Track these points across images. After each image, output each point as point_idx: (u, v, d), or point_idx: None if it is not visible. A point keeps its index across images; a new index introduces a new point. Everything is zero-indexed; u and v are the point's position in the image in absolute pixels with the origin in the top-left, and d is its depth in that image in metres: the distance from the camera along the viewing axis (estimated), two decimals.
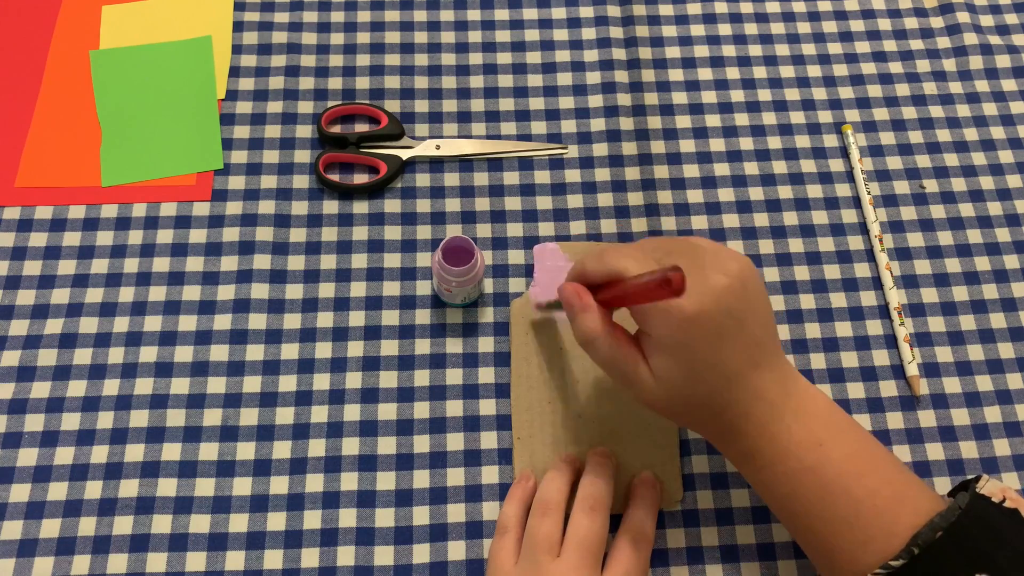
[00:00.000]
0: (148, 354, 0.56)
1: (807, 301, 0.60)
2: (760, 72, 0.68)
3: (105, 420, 0.55)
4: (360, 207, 0.62)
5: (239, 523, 0.52)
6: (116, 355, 0.56)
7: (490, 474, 0.54)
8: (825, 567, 0.46)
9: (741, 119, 0.66)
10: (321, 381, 0.56)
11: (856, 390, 0.57)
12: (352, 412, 0.56)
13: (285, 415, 0.55)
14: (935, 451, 0.55)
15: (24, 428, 0.54)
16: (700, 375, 0.45)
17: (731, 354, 0.45)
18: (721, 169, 0.64)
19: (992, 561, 0.41)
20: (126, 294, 0.58)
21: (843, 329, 0.59)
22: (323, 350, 0.57)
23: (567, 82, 0.67)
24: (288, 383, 0.56)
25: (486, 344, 0.58)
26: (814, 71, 0.68)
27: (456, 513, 0.53)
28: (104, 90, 0.65)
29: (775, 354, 0.47)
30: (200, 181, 0.62)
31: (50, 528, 0.52)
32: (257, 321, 0.58)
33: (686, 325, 0.43)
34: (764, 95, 0.67)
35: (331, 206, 0.62)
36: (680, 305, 0.43)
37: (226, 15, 0.68)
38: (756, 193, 0.63)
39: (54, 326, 0.57)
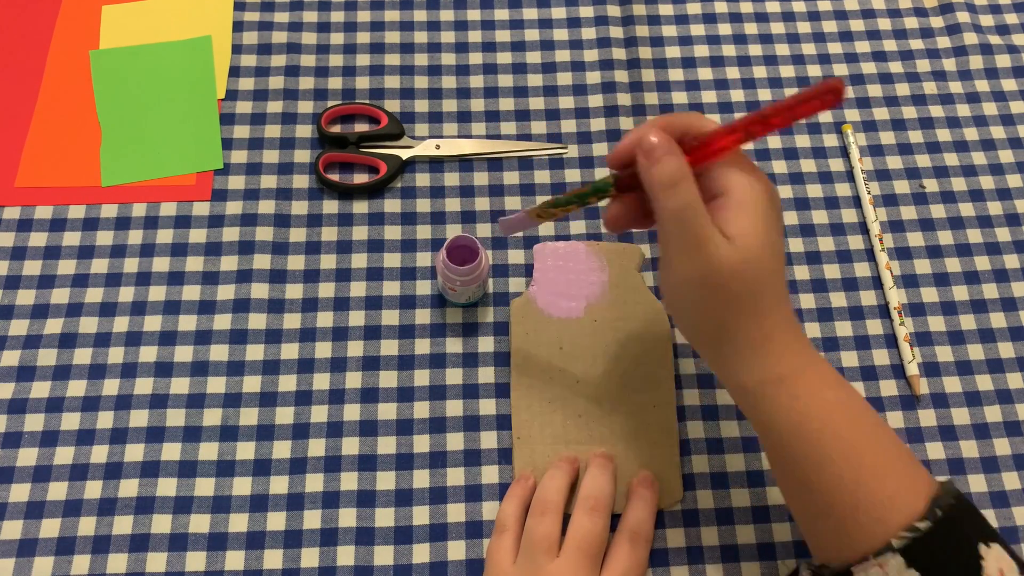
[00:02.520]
0: (148, 354, 0.56)
1: (807, 301, 0.60)
2: (760, 72, 0.68)
3: (105, 420, 0.55)
4: (360, 207, 0.62)
5: (239, 523, 0.52)
6: (116, 355, 0.56)
7: (490, 474, 0.54)
8: (841, 532, 0.42)
9: None
10: (321, 381, 0.56)
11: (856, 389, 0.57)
12: (352, 412, 0.56)
13: (285, 415, 0.55)
14: (935, 450, 0.55)
15: (24, 428, 0.54)
16: (775, 240, 0.43)
17: (782, 252, 0.45)
18: None
19: (995, 535, 0.41)
20: (126, 294, 0.58)
21: (843, 329, 0.59)
22: (323, 350, 0.57)
23: (567, 82, 0.67)
24: (288, 383, 0.56)
25: (486, 344, 0.58)
26: (814, 71, 0.68)
27: (456, 513, 0.53)
28: (104, 90, 0.65)
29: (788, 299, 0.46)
30: (200, 181, 0.62)
31: (50, 528, 0.52)
32: (257, 321, 0.58)
33: (772, 189, 0.44)
34: (764, 95, 0.67)
35: (331, 206, 0.62)
36: (763, 176, 0.43)
37: (226, 15, 0.68)
38: None
39: (54, 326, 0.57)
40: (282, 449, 0.54)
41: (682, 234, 0.42)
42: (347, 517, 0.53)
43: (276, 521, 0.52)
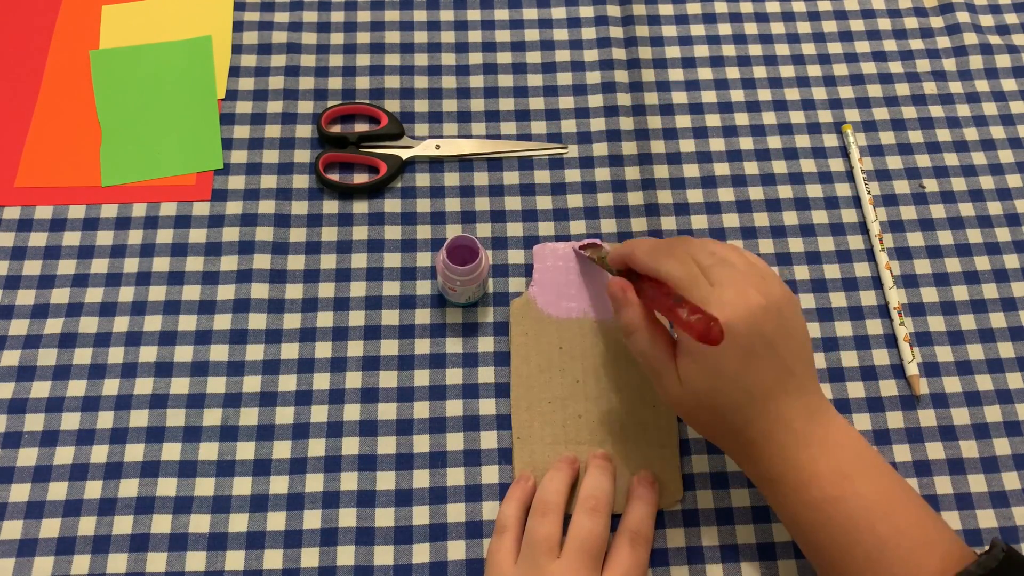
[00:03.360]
0: (148, 354, 0.56)
1: (807, 301, 0.60)
2: (760, 72, 0.68)
3: (105, 420, 0.55)
4: (360, 207, 0.62)
5: (239, 523, 0.52)
6: (116, 355, 0.56)
7: (490, 474, 0.54)
8: None
9: (741, 119, 0.66)
10: (321, 381, 0.56)
11: (856, 390, 0.57)
12: (352, 412, 0.56)
13: (285, 415, 0.55)
14: (935, 450, 0.55)
15: (24, 428, 0.54)
16: (723, 388, 0.45)
17: (758, 375, 0.45)
18: (721, 169, 0.64)
19: None
20: (126, 294, 0.58)
21: (843, 329, 0.59)
22: (323, 350, 0.57)
23: (567, 82, 0.67)
24: (288, 383, 0.56)
25: (486, 344, 0.58)
26: (814, 71, 0.68)
27: (456, 513, 0.53)
28: (104, 90, 0.65)
29: (807, 384, 0.47)
30: (200, 181, 0.62)
31: (50, 528, 0.52)
32: (257, 321, 0.58)
33: (749, 318, 0.44)
34: (764, 95, 0.67)
35: (331, 206, 0.62)
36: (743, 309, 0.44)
37: (226, 15, 0.68)
38: (756, 193, 0.63)
39: (54, 326, 0.57)
40: (282, 449, 0.54)
41: (645, 368, 0.49)
42: (347, 517, 0.53)
43: (276, 521, 0.52)
